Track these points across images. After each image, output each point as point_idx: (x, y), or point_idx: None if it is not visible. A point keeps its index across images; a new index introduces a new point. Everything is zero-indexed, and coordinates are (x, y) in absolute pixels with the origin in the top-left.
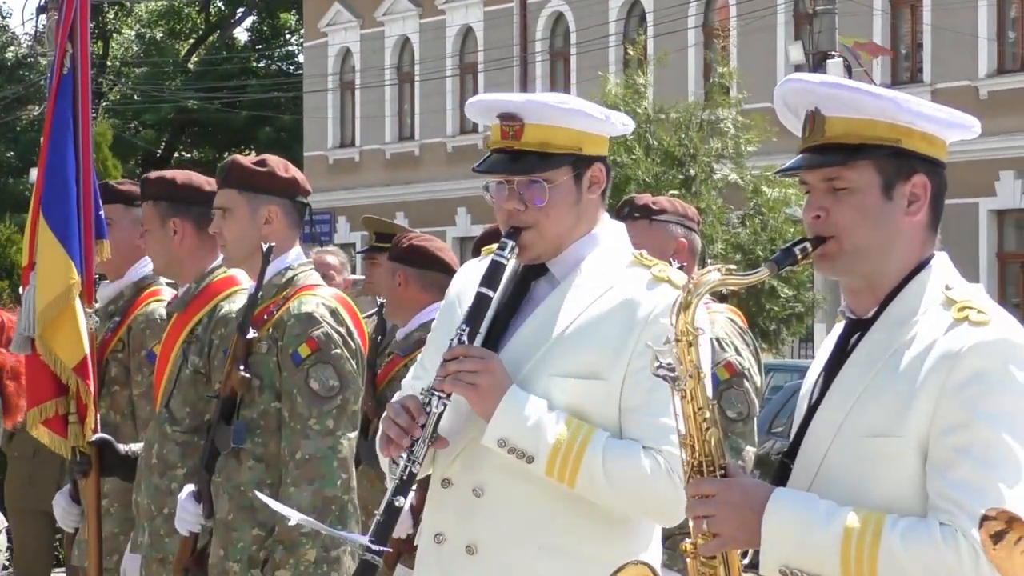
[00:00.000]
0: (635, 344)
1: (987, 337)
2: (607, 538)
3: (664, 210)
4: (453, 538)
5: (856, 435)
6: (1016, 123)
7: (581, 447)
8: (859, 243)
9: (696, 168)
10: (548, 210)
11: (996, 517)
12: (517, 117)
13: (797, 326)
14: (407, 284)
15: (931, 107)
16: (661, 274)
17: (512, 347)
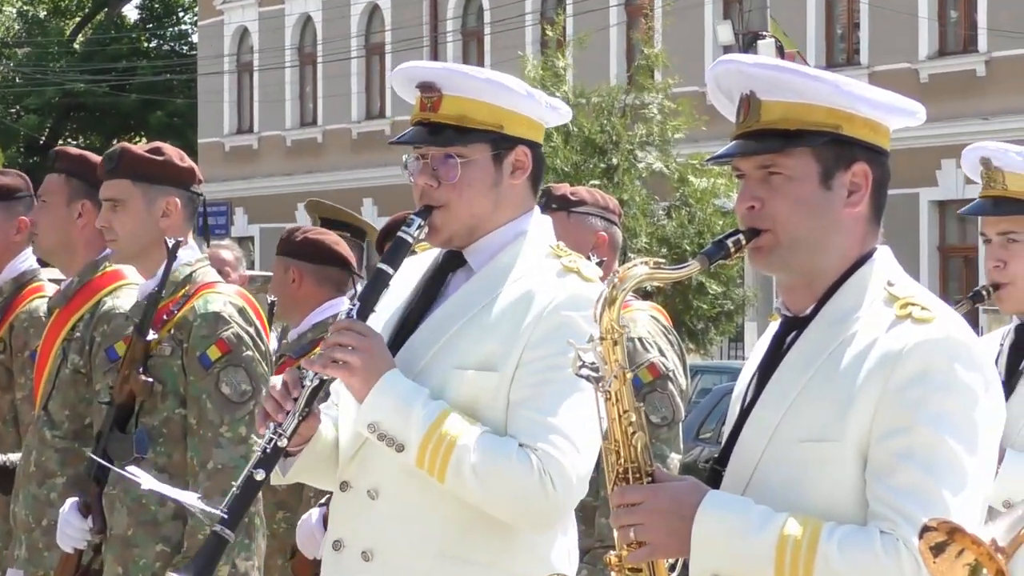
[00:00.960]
0: (531, 334)
1: (931, 335)
2: (507, 546)
3: (583, 201)
4: (350, 544)
5: (792, 439)
6: (959, 108)
7: (453, 438)
8: (796, 236)
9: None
10: (460, 189)
11: (937, 528)
12: (435, 87)
13: (726, 325)
14: (302, 281)
15: (874, 91)
16: (571, 265)
17: (416, 338)
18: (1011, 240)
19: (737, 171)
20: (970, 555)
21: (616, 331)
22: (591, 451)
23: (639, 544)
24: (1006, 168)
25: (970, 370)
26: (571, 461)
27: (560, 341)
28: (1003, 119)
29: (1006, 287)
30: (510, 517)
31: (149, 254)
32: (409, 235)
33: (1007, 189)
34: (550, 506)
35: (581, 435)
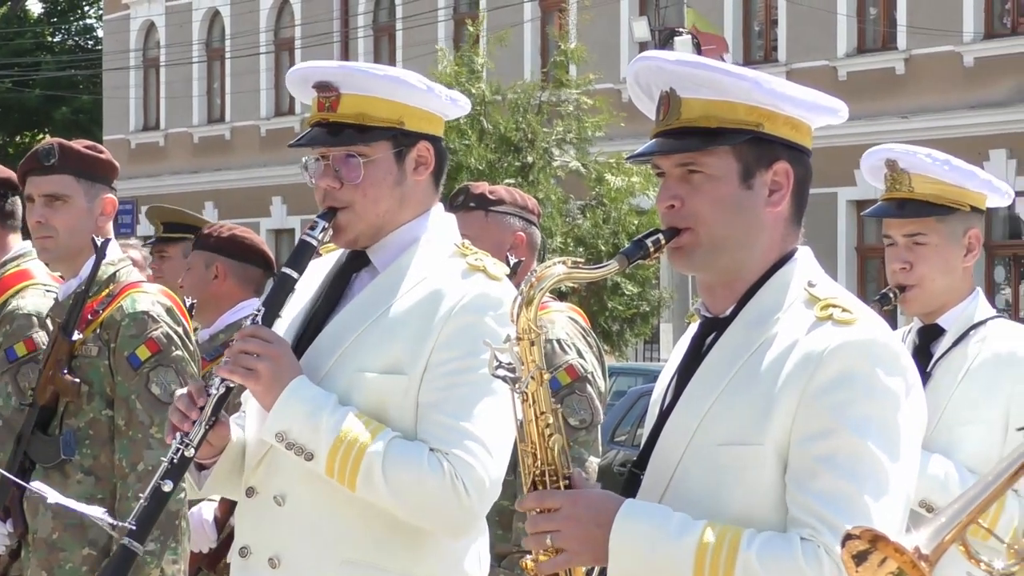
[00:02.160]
0: (438, 336)
1: (852, 337)
2: (416, 551)
3: (502, 200)
4: (257, 551)
5: (711, 443)
6: (877, 106)
7: (363, 446)
8: (716, 235)
9: (534, 154)
10: (365, 188)
11: (860, 536)
12: (332, 87)
13: (642, 326)
14: (225, 277)
15: (796, 89)
16: (477, 263)
17: (321, 341)
18: (917, 242)
19: (657, 169)
20: (893, 564)
21: (533, 331)
22: (503, 454)
23: (556, 551)
24: (913, 170)
25: (892, 374)
26: (483, 465)
27: (468, 342)
28: (922, 117)
29: (912, 289)
30: (423, 523)
31: (82, 252)
32: (313, 238)
33: (913, 191)
34: (463, 511)
35: (493, 438)
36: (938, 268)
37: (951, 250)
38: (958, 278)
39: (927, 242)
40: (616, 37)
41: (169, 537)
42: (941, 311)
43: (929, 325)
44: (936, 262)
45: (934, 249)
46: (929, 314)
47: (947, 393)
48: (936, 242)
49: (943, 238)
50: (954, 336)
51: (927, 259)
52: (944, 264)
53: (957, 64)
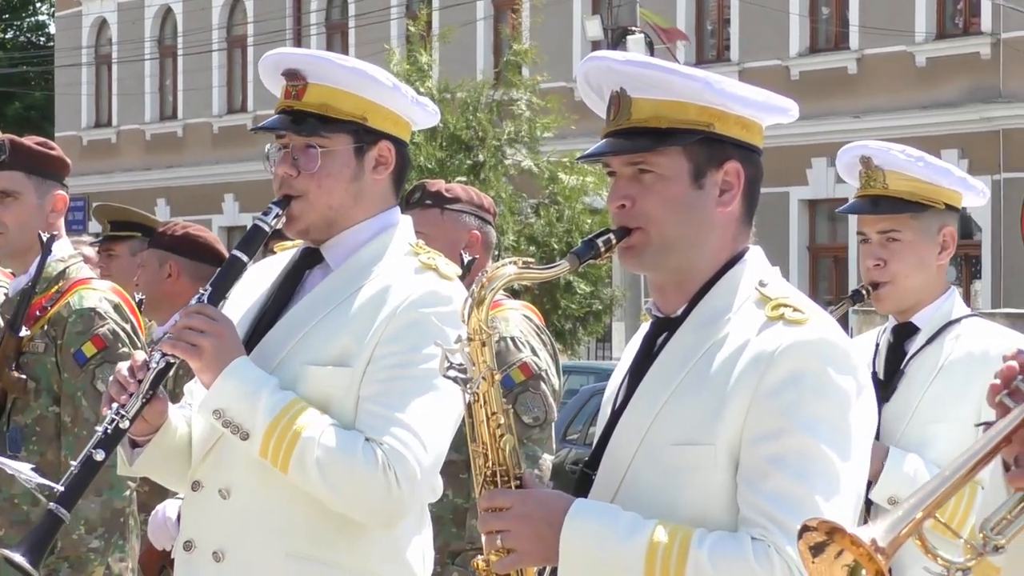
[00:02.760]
0: (384, 331)
1: (804, 337)
2: (359, 546)
3: (458, 198)
4: (201, 544)
5: (663, 443)
6: (829, 106)
7: (298, 429)
8: (667, 235)
9: (485, 153)
10: (320, 179)
11: (817, 528)
12: (300, 75)
13: (594, 325)
14: (179, 276)
15: (746, 89)
16: (429, 262)
17: (272, 335)
18: (891, 239)
19: (608, 169)
20: (849, 556)
21: (484, 332)
22: (438, 449)
23: (507, 551)
24: (887, 167)
25: (843, 373)
26: (416, 457)
27: (413, 338)
28: (874, 117)
29: (885, 286)
30: (352, 511)
31: (32, 249)
32: (266, 223)
33: (888, 188)
34: (393, 502)
35: (428, 432)
36: (912, 265)
37: (925, 247)
38: (932, 276)
39: (901, 239)
40: (569, 36)
41: (115, 534)
42: (915, 309)
43: (903, 323)
44: (910, 259)
45: (908, 246)
46: (903, 312)
47: (920, 391)
48: (910, 239)
49: (917, 235)
50: (928, 334)
51: (901, 256)
52: (918, 261)
53: (909, 64)
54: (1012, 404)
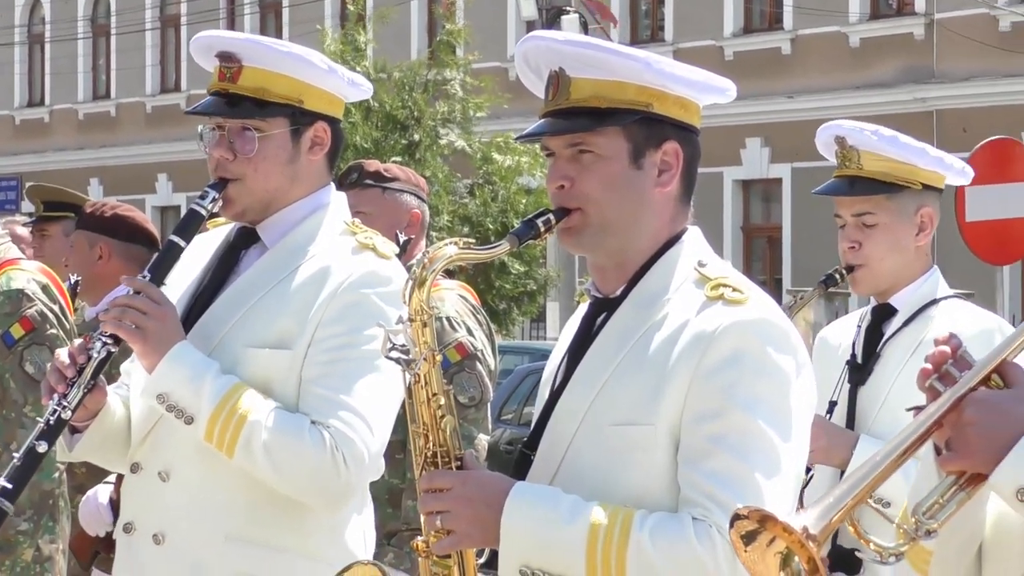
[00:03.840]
0: (324, 312)
1: (743, 317)
2: (299, 528)
3: (397, 178)
4: (141, 527)
5: (603, 423)
6: (764, 86)
7: (244, 413)
8: (606, 216)
9: (421, 133)
10: (257, 163)
11: (748, 516)
12: (236, 58)
13: (529, 305)
14: (109, 257)
15: (685, 69)
16: (367, 242)
17: (209, 317)
18: (866, 223)
19: (546, 150)
20: (781, 543)
21: (425, 312)
22: (383, 430)
23: (446, 532)
24: (861, 147)
25: (783, 353)
26: (363, 440)
27: (354, 319)
28: (808, 98)
29: (860, 269)
30: (301, 494)
31: None
32: (202, 207)
33: (862, 169)
34: (342, 484)
35: (374, 414)
36: (887, 247)
37: (901, 229)
38: (910, 257)
39: (876, 222)
40: (503, 15)
41: (44, 516)
42: (893, 290)
43: (882, 304)
44: (884, 241)
45: (883, 229)
46: (882, 293)
47: (894, 374)
48: (885, 221)
49: (893, 217)
50: (905, 316)
51: (875, 239)
52: (893, 243)
53: (843, 45)
54: (943, 388)
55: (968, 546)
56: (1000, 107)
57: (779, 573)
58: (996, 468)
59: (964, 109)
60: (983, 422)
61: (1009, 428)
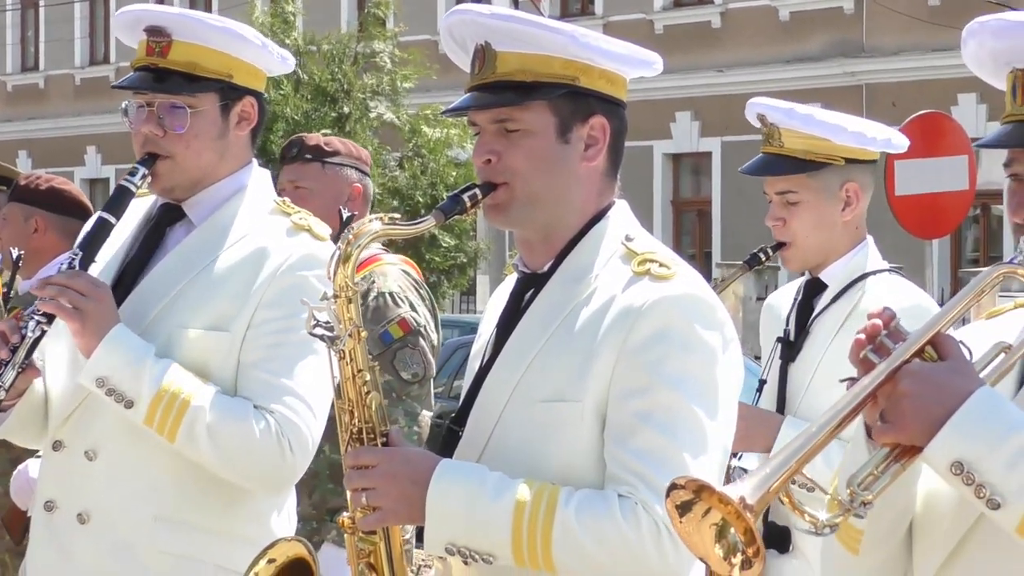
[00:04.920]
0: (263, 295)
1: (670, 292)
2: (225, 508)
3: (338, 152)
4: (64, 506)
5: (531, 399)
6: (693, 60)
7: (188, 397)
8: (532, 190)
9: (350, 105)
10: (188, 139)
11: (685, 486)
12: (165, 32)
13: (459, 278)
14: (45, 231)
15: (611, 42)
16: (301, 222)
17: (138, 295)
18: (789, 201)
19: (473, 124)
20: (717, 514)
21: (350, 289)
22: (324, 414)
23: (372, 508)
24: (780, 125)
25: (709, 329)
26: (307, 424)
27: (293, 302)
28: (738, 71)
29: (787, 246)
30: (244, 479)
31: None
32: (132, 184)
33: (784, 147)
34: (286, 468)
35: (316, 398)
36: (811, 224)
37: (825, 205)
38: (837, 232)
39: (798, 200)
40: None
41: None
42: (824, 265)
43: (813, 279)
44: (808, 219)
45: (806, 206)
46: (814, 268)
47: (821, 350)
48: (808, 199)
49: (815, 194)
50: (834, 291)
51: (799, 216)
52: (818, 220)
53: (773, 18)
54: (877, 360)
55: (899, 522)
56: (929, 81)
57: (715, 545)
58: (930, 441)
59: (893, 83)
60: (918, 394)
61: (944, 401)
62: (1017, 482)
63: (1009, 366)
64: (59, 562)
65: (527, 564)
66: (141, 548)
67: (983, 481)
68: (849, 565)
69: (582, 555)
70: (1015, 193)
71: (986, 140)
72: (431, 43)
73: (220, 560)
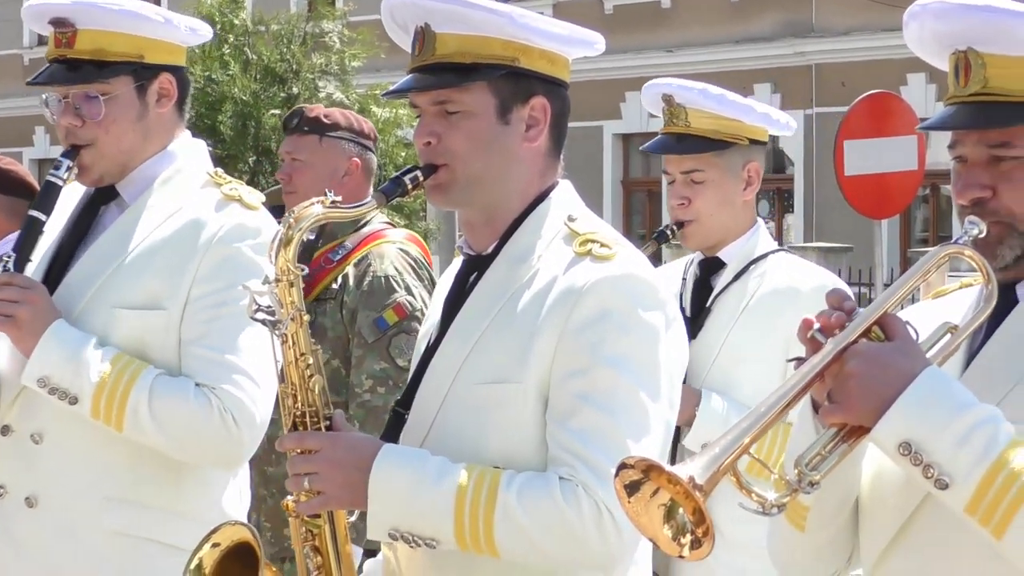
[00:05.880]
0: (196, 269)
1: (610, 273)
2: (175, 488)
3: (337, 125)
4: (12, 490)
5: (475, 381)
6: (643, 40)
7: (127, 385)
8: (474, 172)
9: (299, 85)
10: (107, 125)
11: (634, 466)
12: (68, 22)
13: None
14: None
15: (550, 23)
16: (232, 193)
17: (72, 277)
18: (695, 180)
19: (415, 106)
20: (666, 494)
21: (292, 272)
22: (271, 386)
23: (315, 493)
24: (689, 105)
25: (651, 309)
26: (252, 398)
27: (228, 274)
28: (687, 52)
29: (691, 225)
30: (194, 459)
31: None
32: (58, 178)
33: (690, 126)
34: (234, 444)
35: (259, 371)
36: (716, 203)
37: (729, 184)
38: (738, 212)
39: (704, 179)
40: None
41: None
42: (721, 244)
43: (710, 258)
44: (713, 197)
45: (712, 185)
46: (710, 247)
47: (725, 329)
48: (714, 177)
49: (721, 173)
50: (734, 270)
51: (704, 195)
52: (722, 199)
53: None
54: (824, 340)
55: (846, 501)
56: (878, 61)
57: (664, 525)
58: (878, 421)
59: (843, 63)
60: (865, 374)
61: (891, 381)
62: (965, 462)
63: (956, 346)
64: (5, 546)
65: (470, 548)
66: (88, 529)
67: (931, 461)
68: (796, 543)
69: (524, 538)
70: (960, 175)
71: (930, 122)
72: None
73: (170, 539)
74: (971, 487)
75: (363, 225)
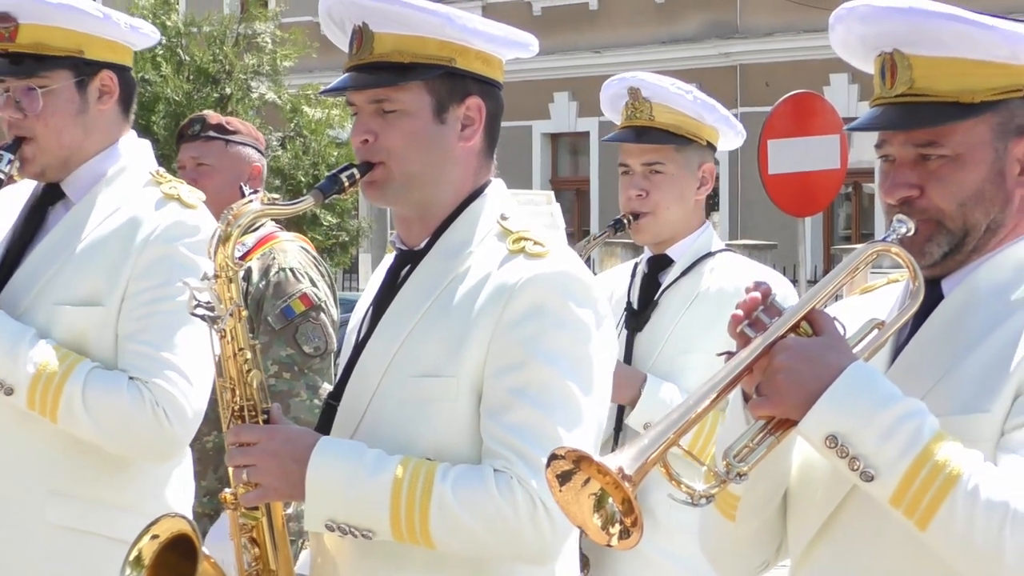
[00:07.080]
0: (133, 266)
1: (544, 270)
2: (117, 480)
3: (238, 131)
4: None
5: (406, 375)
6: (571, 41)
7: (62, 377)
8: (409, 170)
9: (232, 86)
10: (46, 119)
11: (565, 456)
12: (10, 17)
13: (341, 256)
14: None
15: (486, 24)
16: (171, 192)
17: (18, 277)
18: (655, 171)
19: (351, 105)
20: (596, 484)
21: (230, 268)
22: (204, 382)
23: (253, 485)
24: (655, 99)
25: (583, 306)
26: (184, 393)
27: (165, 271)
28: (615, 52)
29: (646, 217)
30: (127, 452)
31: None
32: (2, 172)
33: (654, 120)
34: (166, 439)
35: (192, 367)
36: (673, 197)
37: (686, 181)
38: (690, 210)
39: (664, 171)
40: None
41: None
42: (671, 241)
43: (659, 255)
44: (671, 191)
45: (670, 179)
46: (659, 244)
47: (672, 321)
48: (673, 171)
49: (679, 168)
50: (683, 267)
51: (663, 187)
52: (679, 194)
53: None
54: (753, 335)
55: (774, 492)
56: (802, 62)
57: (593, 514)
58: (805, 415)
59: (767, 64)
60: (793, 368)
61: (818, 375)
62: (890, 454)
63: (882, 342)
64: None
65: (406, 539)
66: (31, 522)
67: (857, 454)
68: (726, 533)
69: (459, 529)
70: (887, 175)
71: (857, 124)
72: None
73: (114, 532)
74: (896, 479)
75: (259, 227)
